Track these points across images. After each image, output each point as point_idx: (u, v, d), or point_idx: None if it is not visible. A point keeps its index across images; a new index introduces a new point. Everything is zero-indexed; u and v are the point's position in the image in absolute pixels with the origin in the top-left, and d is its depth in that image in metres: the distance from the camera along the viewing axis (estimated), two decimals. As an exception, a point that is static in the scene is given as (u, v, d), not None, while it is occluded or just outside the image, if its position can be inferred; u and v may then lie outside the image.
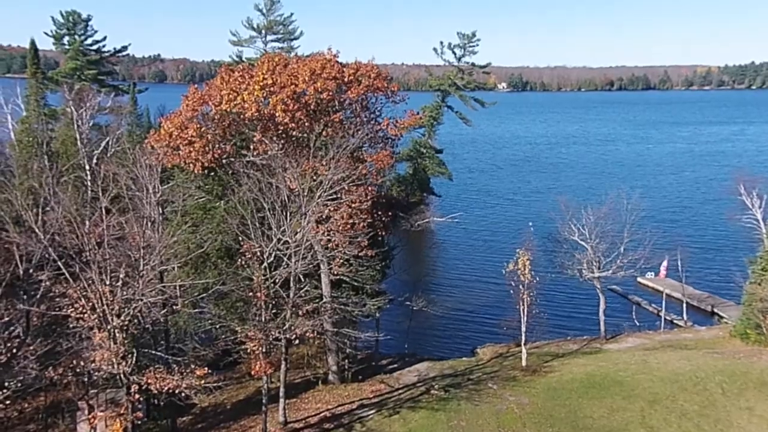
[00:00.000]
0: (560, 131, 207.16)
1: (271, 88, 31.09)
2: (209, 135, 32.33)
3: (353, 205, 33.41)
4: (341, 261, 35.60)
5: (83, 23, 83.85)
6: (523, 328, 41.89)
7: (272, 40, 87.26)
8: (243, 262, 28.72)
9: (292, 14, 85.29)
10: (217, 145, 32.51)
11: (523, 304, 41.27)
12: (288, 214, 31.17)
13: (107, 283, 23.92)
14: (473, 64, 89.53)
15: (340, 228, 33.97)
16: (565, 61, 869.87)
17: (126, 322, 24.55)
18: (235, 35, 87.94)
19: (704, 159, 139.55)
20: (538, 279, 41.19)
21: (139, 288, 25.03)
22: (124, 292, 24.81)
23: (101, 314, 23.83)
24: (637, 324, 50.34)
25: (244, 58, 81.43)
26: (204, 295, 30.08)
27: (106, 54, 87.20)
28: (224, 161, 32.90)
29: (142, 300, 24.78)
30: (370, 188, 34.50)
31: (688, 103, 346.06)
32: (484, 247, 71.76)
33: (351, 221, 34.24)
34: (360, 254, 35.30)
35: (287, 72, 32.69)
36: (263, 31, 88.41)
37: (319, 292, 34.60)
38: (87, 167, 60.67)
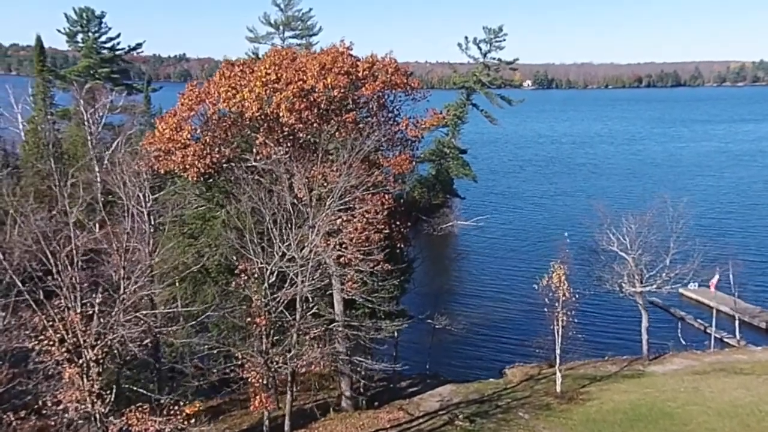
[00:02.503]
0: (586, 130, 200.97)
1: (275, 85, 27.51)
2: (207, 137, 28.87)
3: (368, 216, 29.71)
4: (354, 279, 32.04)
5: (97, 20, 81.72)
6: (558, 350, 37.74)
7: (290, 37, 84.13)
8: (241, 283, 25.17)
9: (310, 9, 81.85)
10: (216, 149, 29.06)
11: (558, 324, 37.15)
12: (294, 226, 27.63)
13: (79, 310, 20.57)
14: (500, 60, 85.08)
15: (353, 241, 30.32)
16: (591, 57, 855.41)
17: (102, 355, 21.21)
18: (252, 31, 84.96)
19: (743, 159, 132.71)
20: (575, 296, 37.00)
21: (119, 315, 21.66)
22: (102, 320, 21.46)
23: (72, 346, 20.50)
24: (683, 342, 45.70)
25: (260, 56, 78.35)
26: (201, 317, 26.58)
27: (121, 52, 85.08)
28: (224, 166, 29.44)
29: (122, 328, 21.40)
30: (387, 196, 30.71)
31: (719, 100, 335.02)
32: (511, 254, 67.40)
33: (365, 233, 30.57)
34: (375, 270, 31.65)
35: (294, 66, 29.09)
36: (281, 27, 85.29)
37: (329, 314, 30.92)
38: (96, 169, 58.26)
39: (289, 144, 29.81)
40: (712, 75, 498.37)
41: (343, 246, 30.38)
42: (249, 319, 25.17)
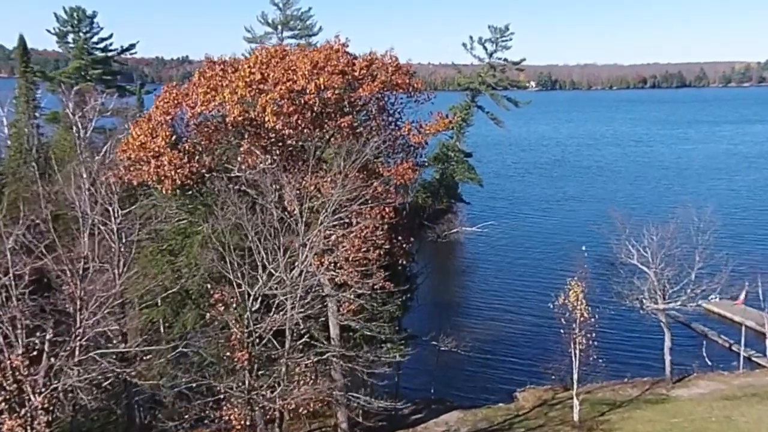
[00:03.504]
0: (591, 131, 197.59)
1: (261, 86, 24.40)
2: (187, 144, 25.74)
3: (366, 231, 26.57)
4: (352, 301, 28.95)
5: (88, 20, 78.87)
6: (575, 376, 34.51)
7: (289, 37, 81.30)
8: (215, 315, 22.02)
9: (309, 9, 79.00)
10: (196, 157, 25.94)
11: (576, 347, 33.93)
12: (282, 244, 24.49)
13: (21, 352, 17.43)
14: (506, 60, 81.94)
15: (350, 260, 27.19)
16: (595, 58, 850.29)
17: (52, 403, 18.07)
18: (250, 31, 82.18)
19: (755, 161, 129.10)
20: (594, 316, 33.74)
21: (73, 354, 18.52)
22: (52, 361, 18.33)
23: (12, 393, 17.36)
24: (709, 363, 42.32)
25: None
26: (177, 350, 23.36)
27: (113, 52, 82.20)
28: (206, 177, 26.29)
29: (77, 370, 18.25)
30: (387, 209, 27.54)
31: (725, 101, 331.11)
32: (520, 264, 63.88)
33: (363, 251, 27.46)
34: (375, 291, 28.58)
35: (283, 65, 25.94)
36: (279, 27, 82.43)
37: (323, 339, 27.70)
38: (84, 175, 55.24)
39: (277, 152, 26.67)
40: (717, 75, 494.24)
41: (339, 265, 27.30)
42: (228, 353, 21.99)
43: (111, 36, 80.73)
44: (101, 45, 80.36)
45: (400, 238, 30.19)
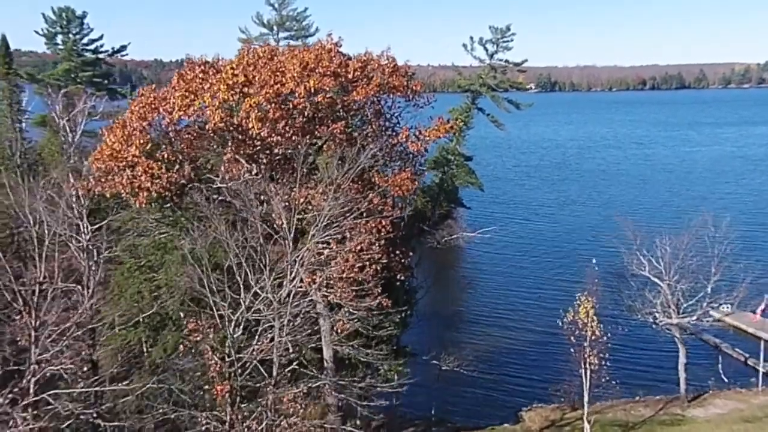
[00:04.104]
0: (591, 133, 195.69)
1: (245, 89, 22.24)
2: (166, 153, 23.56)
3: (360, 247, 24.42)
4: (346, 320, 26.84)
5: (78, 21, 76.69)
6: (586, 397, 32.35)
7: (285, 38, 79.35)
8: (189, 345, 19.83)
9: (306, 9, 77.10)
10: (175, 167, 23.75)
11: (586, 366, 31.77)
12: (268, 262, 22.34)
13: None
14: (507, 62, 79.77)
15: (344, 277, 25.05)
16: (594, 60, 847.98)
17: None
18: (245, 32, 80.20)
19: (759, 164, 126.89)
20: (607, 334, 31.56)
21: (25, 395, 16.30)
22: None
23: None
24: (725, 379, 40.07)
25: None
26: (148, 384, 21.08)
27: (104, 54, 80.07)
28: (186, 188, 24.11)
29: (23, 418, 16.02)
30: (384, 222, 25.36)
31: (725, 102, 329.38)
32: (523, 272, 61.58)
33: (359, 266, 25.32)
34: (371, 309, 26.52)
35: (270, 67, 23.77)
36: (275, 28, 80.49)
37: (313, 372, 25.47)
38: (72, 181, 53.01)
39: (264, 160, 24.49)
40: (717, 77, 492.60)
41: (332, 284, 25.15)
42: (207, 386, 19.80)
43: (101, 37, 78.65)
44: (92, 46, 78.28)
45: (398, 252, 28.00)
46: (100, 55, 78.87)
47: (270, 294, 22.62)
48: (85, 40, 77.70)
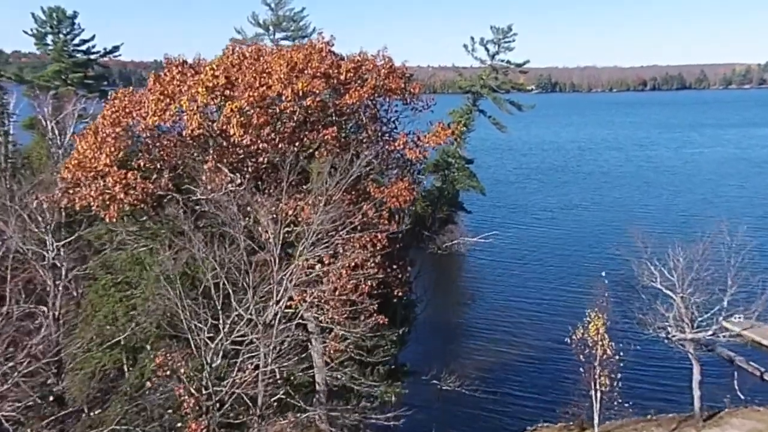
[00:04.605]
0: (592, 135, 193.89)
1: (227, 91, 20.27)
2: (142, 161, 21.59)
3: (353, 264, 22.47)
4: (339, 340, 24.93)
5: (68, 21, 74.77)
6: (596, 419, 30.39)
7: (281, 38, 77.55)
8: (155, 384, 17.82)
9: (303, 9, 75.38)
10: (151, 177, 21.79)
11: (597, 386, 29.81)
12: (252, 282, 20.38)
13: None
14: (509, 63, 77.86)
15: (337, 295, 23.11)
16: (595, 60, 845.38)
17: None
18: (240, 32, 78.36)
19: (765, 167, 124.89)
20: (618, 353, 29.62)
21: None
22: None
23: None
24: (741, 396, 38.04)
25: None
26: (117, 416, 19.09)
27: (96, 55, 78.16)
28: (164, 199, 22.13)
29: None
30: (381, 236, 23.40)
31: (726, 103, 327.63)
32: (527, 280, 59.27)
33: (353, 284, 23.38)
34: (366, 328, 24.63)
35: (256, 68, 21.80)
36: (271, 28, 78.71)
37: (300, 404, 23.43)
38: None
39: (249, 169, 22.51)
40: (718, 78, 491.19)
41: (323, 302, 23.19)
42: (180, 425, 17.80)
43: (93, 38, 76.66)
44: (83, 47, 76.38)
45: (395, 267, 26.04)
46: (92, 56, 77.06)
47: (255, 316, 20.69)
48: (76, 41, 75.91)
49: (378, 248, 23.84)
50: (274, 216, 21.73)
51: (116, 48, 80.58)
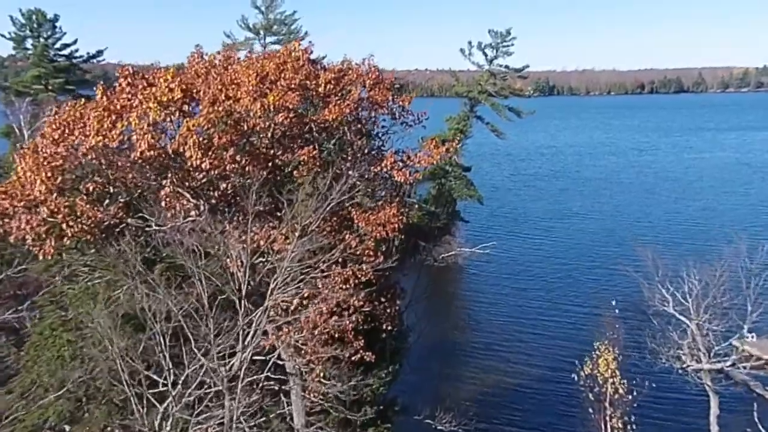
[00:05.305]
0: (591, 140, 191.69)
1: (185, 106, 17.48)
2: (91, 185, 18.75)
3: (336, 303, 19.68)
4: (320, 382, 22.17)
5: (49, 24, 72.00)
6: (607, 465, 27.51)
7: (272, 42, 74.73)
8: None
9: (294, 12, 72.61)
10: (105, 202, 18.96)
11: (608, 429, 26.95)
12: (214, 328, 17.57)
13: None
14: (507, 68, 75.20)
15: (316, 334, 20.32)
16: (593, 64, 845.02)
17: None
18: (230, 36, 75.56)
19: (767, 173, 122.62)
20: (632, 392, 26.77)
21: None
22: None
23: None
24: (762, 429, 35.15)
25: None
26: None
27: (78, 59, 75.35)
28: (118, 230, 19.27)
29: None
30: (366, 268, 20.61)
31: (724, 106, 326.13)
32: (529, 298, 55.64)
33: (334, 320, 20.60)
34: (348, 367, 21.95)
35: (223, 78, 19.00)
36: (261, 32, 75.87)
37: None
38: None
39: (216, 194, 19.67)
40: (716, 81, 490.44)
41: (299, 347, 20.41)
42: None
43: (75, 41, 73.90)
44: (65, 51, 73.58)
45: (383, 299, 23.24)
46: (74, 61, 74.28)
47: (218, 366, 17.87)
48: (57, 45, 73.16)
49: (362, 281, 21.05)
50: (244, 247, 18.90)
51: (100, 52, 77.97)
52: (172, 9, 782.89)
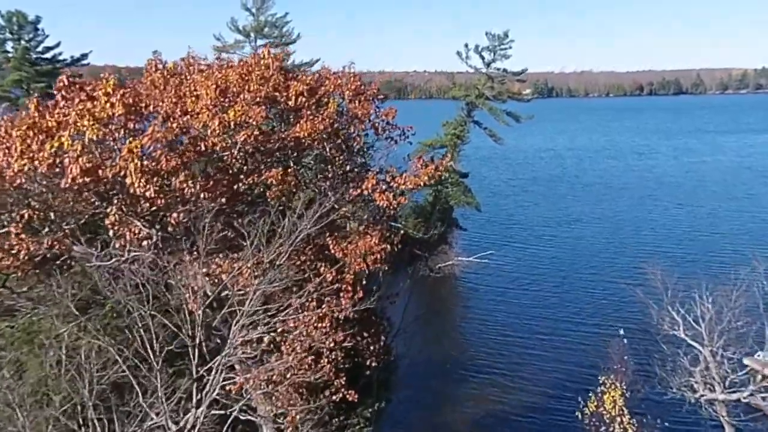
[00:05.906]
0: (590, 143, 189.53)
1: (130, 123, 15.02)
2: (24, 213, 16.29)
3: (310, 343, 17.26)
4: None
5: (30, 26, 69.32)
6: None
7: (263, 45, 72.20)
8: None
9: (286, 14, 70.33)
10: (44, 230, 16.50)
11: (616, 473, 24.54)
12: (161, 382, 15.11)
13: None
14: (505, 71, 72.85)
15: (288, 376, 17.91)
16: (591, 65, 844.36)
17: None
18: (220, 39, 73.10)
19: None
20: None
21: None
22: None
23: None
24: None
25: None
26: None
27: (62, 63, 72.67)
28: (57, 263, 16.80)
29: None
30: (345, 303, 18.17)
31: (723, 108, 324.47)
32: (528, 312, 53.09)
33: (311, 359, 18.20)
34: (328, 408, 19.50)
35: (180, 90, 16.54)
36: (252, 34, 73.41)
37: None
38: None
39: (173, 221, 17.16)
40: (714, 82, 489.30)
41: (270, 392, 17.96)
42: None
43: (59, 44, 71.09)
44: (48, 55, 70.95)
45: (367, 335, 20.81)
46: (58, 65, 71.63)
47: (170, 423, 15.40)
48: (39, 48, 70.55)
49: (341, 317, 18.62)
50: (201, 283, 16.45)
51: (84, 56, 75.05)
52: (166, 9, 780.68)
